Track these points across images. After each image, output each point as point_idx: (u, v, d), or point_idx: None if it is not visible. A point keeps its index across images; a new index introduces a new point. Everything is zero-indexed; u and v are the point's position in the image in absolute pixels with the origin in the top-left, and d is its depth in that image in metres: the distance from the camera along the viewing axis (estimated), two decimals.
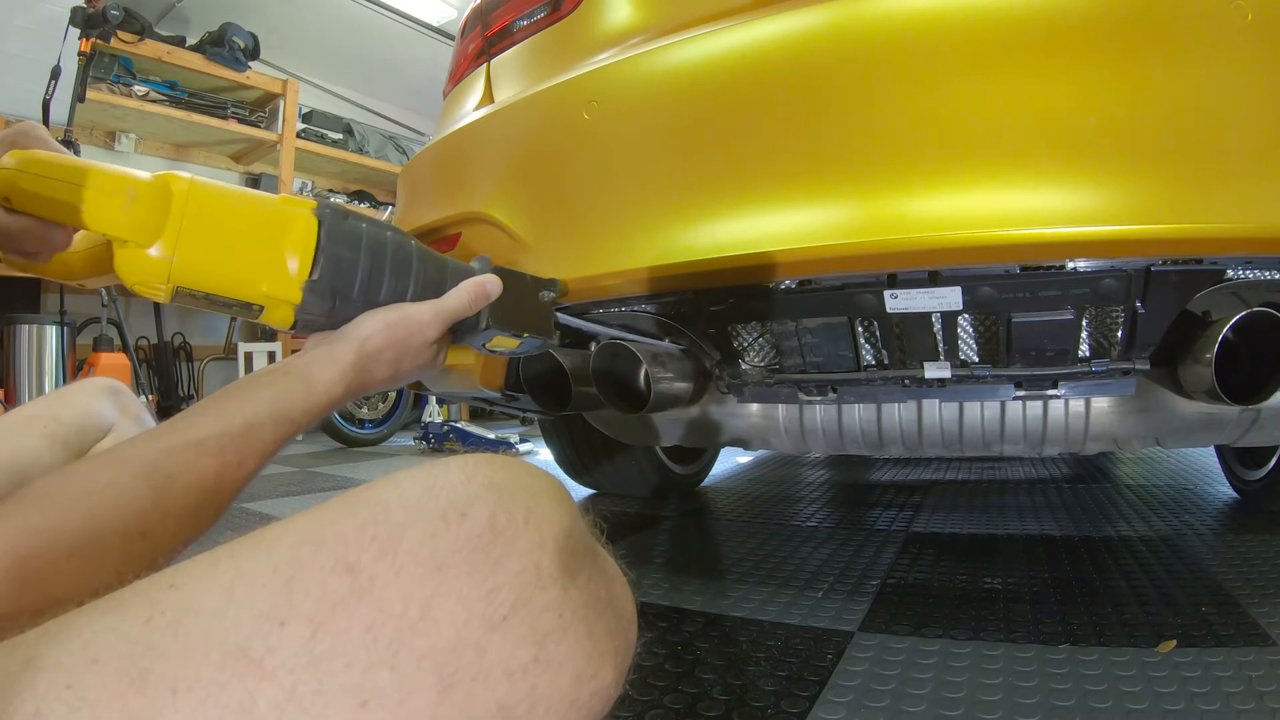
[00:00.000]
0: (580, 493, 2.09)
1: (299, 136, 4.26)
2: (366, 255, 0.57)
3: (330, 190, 4.84)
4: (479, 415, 4.85)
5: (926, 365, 1.00)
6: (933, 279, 0.85)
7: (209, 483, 0.44)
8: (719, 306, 1.02)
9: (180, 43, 3.71)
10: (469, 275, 0.64)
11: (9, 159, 0.48)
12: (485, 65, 1.32)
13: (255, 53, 3.90)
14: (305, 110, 4.43)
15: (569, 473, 2.02)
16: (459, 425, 3.49)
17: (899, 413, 1.16)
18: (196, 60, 3.72)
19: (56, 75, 2.88)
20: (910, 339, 0.97)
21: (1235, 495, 1.74)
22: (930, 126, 0.79)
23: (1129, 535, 1.41)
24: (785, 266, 0.86)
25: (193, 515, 0.43)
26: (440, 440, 3.39)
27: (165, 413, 3.38)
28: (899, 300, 0.88)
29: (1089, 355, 0.96)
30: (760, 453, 2.77)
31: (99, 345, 3.05)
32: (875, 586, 1.17)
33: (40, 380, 2.93)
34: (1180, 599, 1.04)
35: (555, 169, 1.05)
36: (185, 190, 0.51)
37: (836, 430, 1.21)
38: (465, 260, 0.68)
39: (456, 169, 1.19)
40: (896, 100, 0.81)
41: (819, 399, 1.15)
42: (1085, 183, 0.74)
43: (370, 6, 4.30)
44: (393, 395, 3.82)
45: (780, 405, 1.23)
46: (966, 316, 0.98)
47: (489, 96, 1.28)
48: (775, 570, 1.28)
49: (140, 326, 3.57)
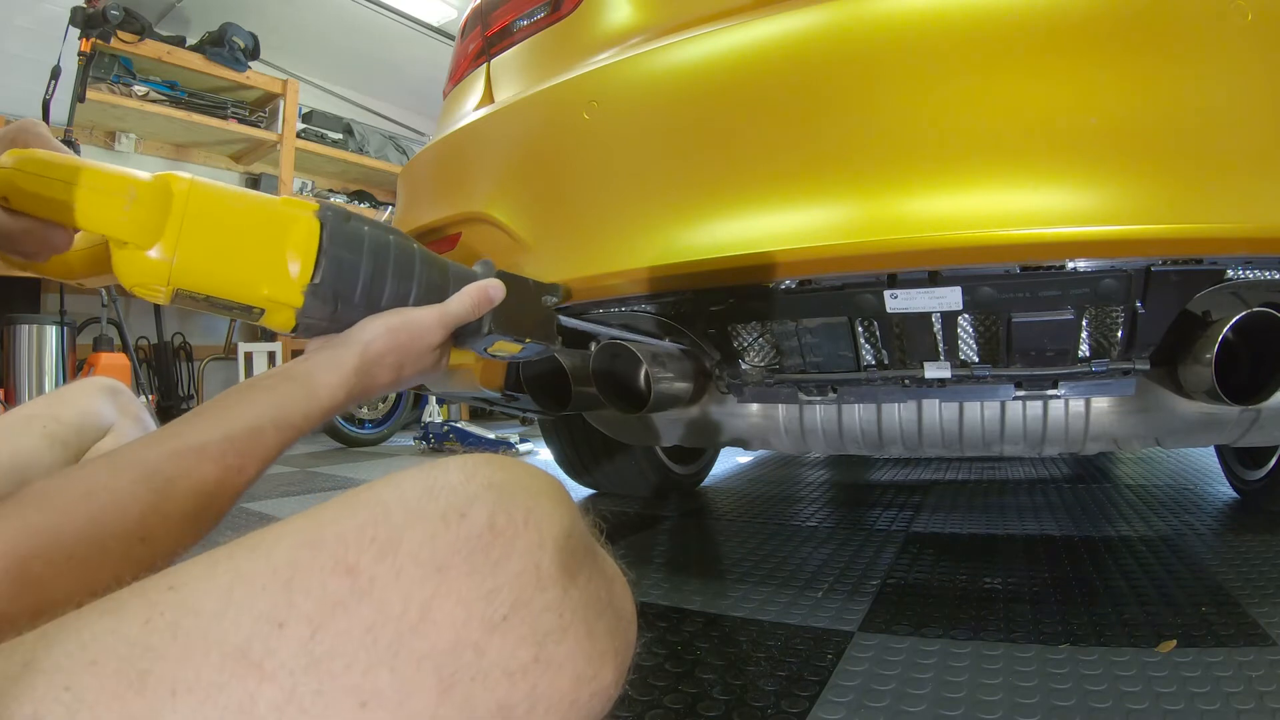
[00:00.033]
0: (580, 493, 2.09)
1: (299, 136, 4.26)
2: (369, 258, 0.57)
3: (330, 190, 4.84)
4: (479, 415, 4.85)
5: (926, 365, 1.00)
6: (933, 279, 0.85)
7: (209, 488, 0.44)
8: (719, 306, 1.02)
9: (180, 43, 3.71)
10: (472, 279, 0.64)
11: (7, 158, 0.47)
12: (485, 65, 1.32)
13: (255, 53, 3.90)
14: (305, 110, 4.43)
15: (569, 473, 2.02)
16: (459, 425, 3.49)
17: (899, 413, 1.16)
18: (196, 60, 3.71)
19: (56, 75, 2.88)
20: (910, 339, 0.97)
21: (1235, 495, 1.74)
22: (930, 126, 0.79)
23: (1129, 535, 1.41)
24: (785, 266, 0.86)
25: (193, 520, 0.43)
26: (440, 440, 3.39)
27: (165, 412, 3.39)
28: (899, 300, 0.88)
29: (1089, 355, 0.96)
30: (760, 453, 2.77)
31: (99, 345, 3.05)
32: (875, 586, 1.17)
33: (40, 380, 2.92)
34: (1180, 599, 1.04)
35: (555, 169, 1.05)
36: (186, 191, 0.50)
37: (836, 430, 1.21)
38: (467, 262, 0.68)
39: (456, 169, 1.19)
40: (896, 100, 0.81)
41: (819, 399, 1.15)
42: (1085, 183, 0.74)
43: (370, 6, 4.29)
44: (393, 395, 3.83)
45: (780, 405, 1.23)
46: (966, 316, 0.98)
47: (489, 96, 1.28)
48: (775, 570, 1.28)
49: (140, 326, 3.57)
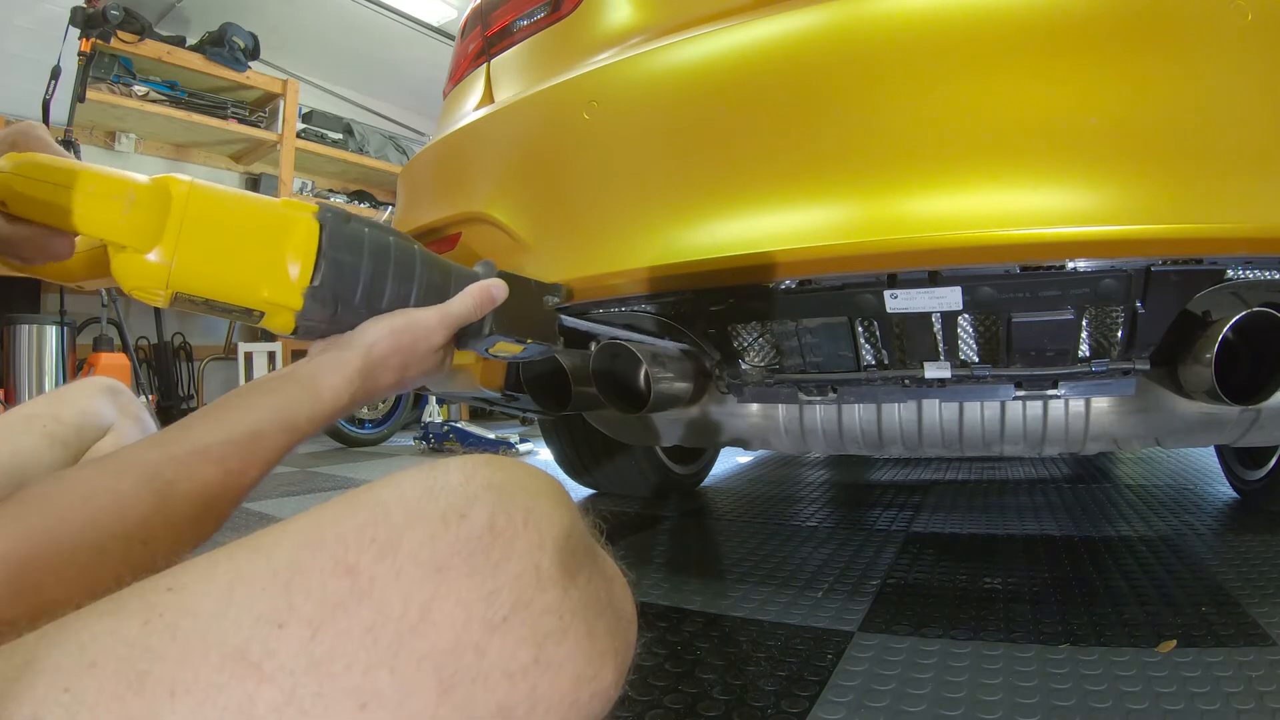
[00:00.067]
0: (580, 493, 2.09)
1: (299, 136, 4.26)
2: (369, 260, 0.56)
3: (330, 190, 4.83)
4: (479, 415, 4.85)
5: (926, 365, 1.00)
6: (933, 279, 0.85)
7: (211, 490, 0.44)
8: (719, 306, 1.02)
9: (180, 43, 3.71)
10: (473, 280, 0.64)
11: (5, 162, 0.47)
12: (485, 65, 1.32)
13: (255, 53, 3.90)
14: (305, 110, 4.43)
15: (569, 473, 2.02)
16: (459, 425, 3.49)
17: (899, 413, 1.16)
18: (196, 60, 3.71)
19: (56, 75, 2.88)
20: (910, 339, 0.97)
21: (1235, 495, 1.74)
22: (930, 126, 0.79)
23: (1129, 535, 1.41)
24: (785, 266, 0.86)
25: (194, 523, 0.43)
26: (440, 440, 3.39)
27: (165, 412, 3.39)
28: (899, 300, 0.88)
29: (1089, 355, 0.96)
30: (760, 453, 2.77)
31: (99, 345, 3.05)
32: (875, 586, 1.17)
33: (40, 380, 2.92)
34: (1180, 599, 1.04)
35: (555, 169, 1.05)
36: (185, 194, 0.50)
37: (836, 430, 1.21)
38: (467, 262, 0.68)
39: (456, 169, 1.19)
40: (896, 100, 0.81)
41: (819, 399, 1.15)
42: (1085, 183, 0.74)
43: (370, 6, 4.29)
44: (393, 395, 3.82)
45: (780, 405, 1.23)
46: (966, 316, 0.98)
47: (489, 96, 1.28)
48: (775, 570, 1.28)
49: (140, 326, 3.57)
